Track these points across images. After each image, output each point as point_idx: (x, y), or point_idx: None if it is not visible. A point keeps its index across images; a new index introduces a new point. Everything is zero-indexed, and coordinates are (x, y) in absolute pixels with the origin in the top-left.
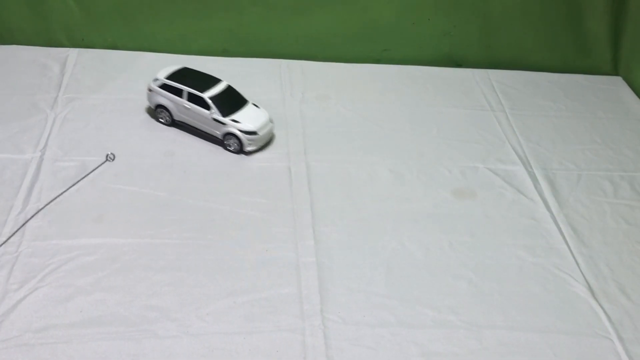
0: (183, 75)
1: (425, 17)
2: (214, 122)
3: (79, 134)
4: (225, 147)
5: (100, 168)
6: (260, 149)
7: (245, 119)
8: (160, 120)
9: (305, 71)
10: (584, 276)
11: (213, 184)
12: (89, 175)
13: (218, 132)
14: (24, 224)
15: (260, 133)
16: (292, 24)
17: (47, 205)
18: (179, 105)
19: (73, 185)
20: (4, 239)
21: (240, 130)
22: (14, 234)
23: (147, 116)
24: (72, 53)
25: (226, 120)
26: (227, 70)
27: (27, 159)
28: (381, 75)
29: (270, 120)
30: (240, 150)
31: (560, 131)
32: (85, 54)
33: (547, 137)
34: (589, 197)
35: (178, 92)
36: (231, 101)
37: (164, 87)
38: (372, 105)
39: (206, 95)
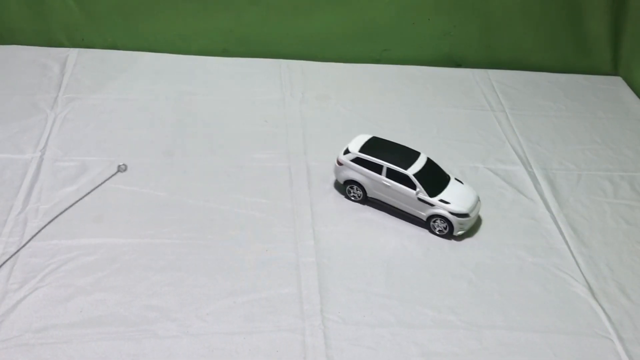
0: (376, 147)
1: (425, 17)
2: (419, 202)
3: (79, 134)
4: (430, 229)
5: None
6: (468, 232)
7: (455, 199)
8: (352, 197)
9: (305, 71)
10: (584, 276)
11: (213, 184)
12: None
13: (423, 213)
14: (37, 233)
15: (472, 215)
16: (292, 24)
17: (60, 214)
18: (376, 182)
19: (87, 194)
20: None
21: (451, 213)
22: (24, 245)
23: (146, 116)
24: (72, 53)
25: (434, 200)
26: (227, 70)
27: (27, 159)
28: (381, 75)
29: (478, 199)
30: (450, 234)
31: (560, 131)
32: (85, 54)
33: (547, 137)
34: (589, 197)
35: (376, 168)
36: (435, 178)
37: (357, 161)
38: (372, 105)
39: (410, 172)
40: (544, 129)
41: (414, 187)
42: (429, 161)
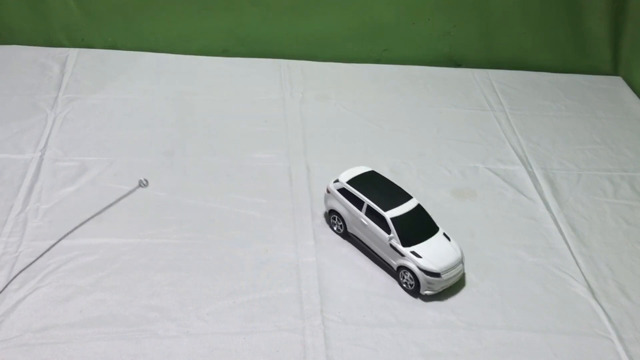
0: (368, 181)
1: (425, 17)
2: (391, 249)
3: (79, 134)
4: (399, 281)
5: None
6: (440, 293)
7: (430, 254)
8: (334, 228)
9: (305, 71)
10: (584, 276)
11: (213, 184)
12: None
13: (393, 262)
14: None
15: (444, 276)
16: (292, 24)
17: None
18: (355, 218)
19: (105, 208)
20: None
21: (420, 268)
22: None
23: (146, 116)
24: (72, 53)
25: (405, 251)
26: (227, 70)
27: (27, 159)
28: (381, 75)
29: (461, 261)
30: (416, 291)
31: (560, 131)
32: (85, 54)
33: (547, 137)
34: (589, 197)
35: (358, 203)
36: (417, 227)
37: (343, 191)
38: (372, 105)
39: (388, 215)
40: (544, 129)
41: (389, 231)
42: (418, 208)
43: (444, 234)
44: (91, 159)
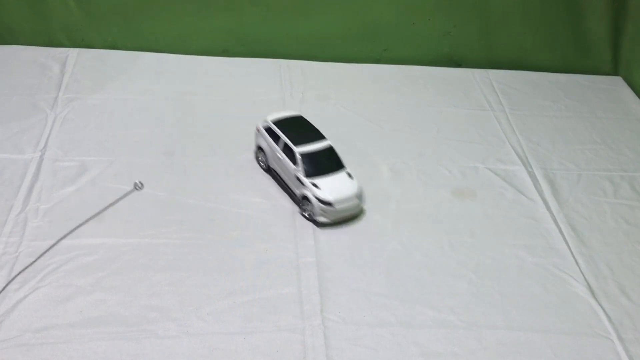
0: (291, 123)
1: (425, 17)
2: (296, 180)
3: (79, 134)
4: (301, 211)
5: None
6: (338, 223)
7: (327, 187)
8: (260, 163)
9: (305, 71)
10: (584, 276)
11: (213, 184)
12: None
13: (297, 192)
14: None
15: (337, 206)
16: (292, 24)
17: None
18: (274, 153)
19: (103, 210)
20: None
21: (316, 197)
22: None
23: (146, 116)
24: (72, 53)
25: (306, 181)
26: (227, 70)
27: (27, 159)
28: (381, 75)
29: (357, 196)
30: (313, 219)
31: (560, 131)
32: (85, 54)
33: (547, 137)
34: (589, 197)
35: (277, 139)
36: (323, 163)
37: (268, 130)
38: (372, 105)
39: (298, 149)
40: (544, 129)
41: (296, 164)
42: (329, 149)
43: (348, 173)
44: (91, 159)
